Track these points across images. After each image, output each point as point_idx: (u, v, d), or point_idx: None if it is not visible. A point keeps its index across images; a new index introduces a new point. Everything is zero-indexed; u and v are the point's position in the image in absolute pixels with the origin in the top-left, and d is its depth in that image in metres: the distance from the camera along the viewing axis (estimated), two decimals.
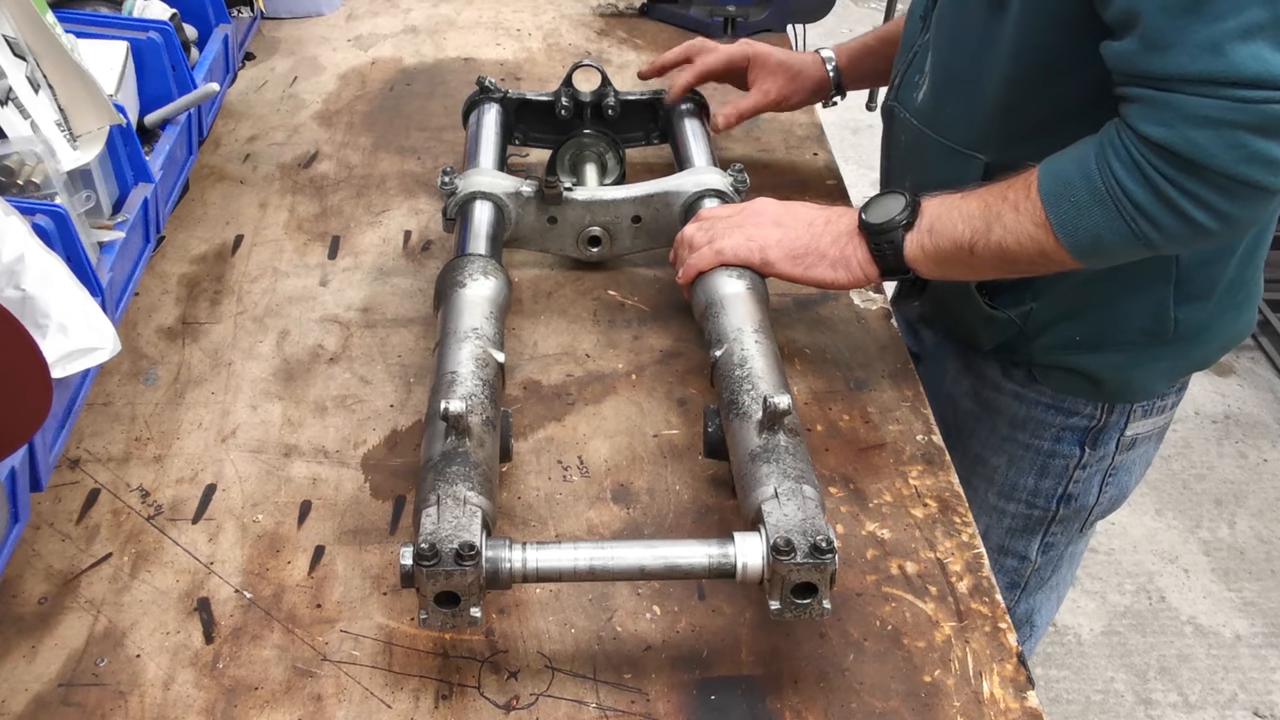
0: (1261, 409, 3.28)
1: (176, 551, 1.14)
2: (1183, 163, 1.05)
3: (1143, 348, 1.36)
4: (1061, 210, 1.12)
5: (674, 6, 2.19)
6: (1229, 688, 2.52)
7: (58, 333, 1.04)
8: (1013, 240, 1.15)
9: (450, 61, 2.07)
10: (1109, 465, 1.48)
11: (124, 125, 1.32)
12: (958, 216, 1.20)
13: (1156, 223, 1.08)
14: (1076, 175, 1.11)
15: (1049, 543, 1.57)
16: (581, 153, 1.61)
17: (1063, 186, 1.12)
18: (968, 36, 1.28)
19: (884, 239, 1.23)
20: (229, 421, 1.29)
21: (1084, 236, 1.12)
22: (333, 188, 1.70)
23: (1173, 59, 1.03)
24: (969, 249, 1.19)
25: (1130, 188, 1.08)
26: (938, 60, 1.35)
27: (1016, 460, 1.49)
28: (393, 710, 0.99)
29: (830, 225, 1.29)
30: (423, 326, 1.43)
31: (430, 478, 1.02)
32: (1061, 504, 1.51)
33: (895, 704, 1.00)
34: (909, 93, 1.40)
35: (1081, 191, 1.11)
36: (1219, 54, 1.01)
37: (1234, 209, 1.07)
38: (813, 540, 0.95)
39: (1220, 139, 1.03)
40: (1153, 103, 1.05)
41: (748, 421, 1.10)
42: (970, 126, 1.30)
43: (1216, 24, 1.00)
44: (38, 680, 1.01)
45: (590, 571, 0.98)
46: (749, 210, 1.33)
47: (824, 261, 1.28)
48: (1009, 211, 1.15)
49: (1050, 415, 1.44)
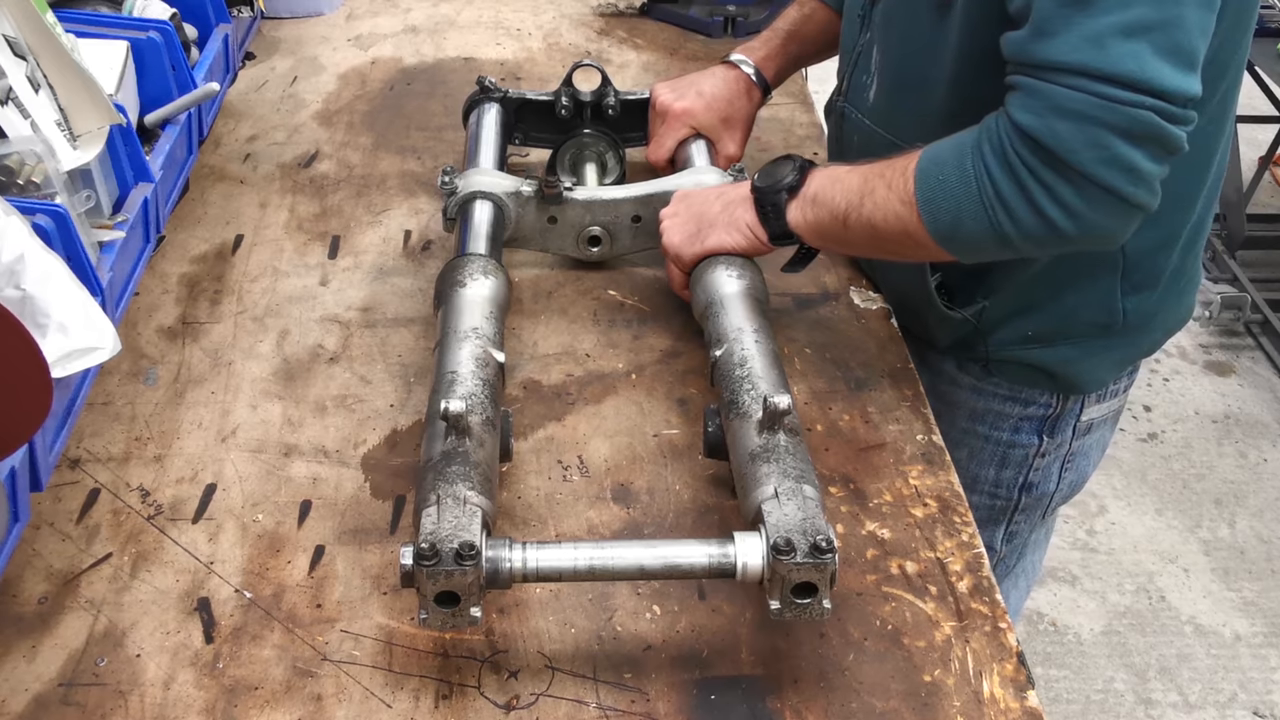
0: (1261, 409, 3.28)
1: (176, 551, 1.14)
2: (1045, 154, 1.04)
3: (1093, 339, 1.38)
4: (928, 188, 1.12)
5: (674, 6, 2.19)
6: (1229, 687, 2.52)
7: (58, 332, 1.04)
8: (880, 216, 1.16)
9: (450, 61, 2.07)
10: (1067, 451, 1.50)
11: (124, 125, 1.32)
12: (839, 190, 1.20)
13: (1013, 213, 1.08)
14: (951, 157, 1.11)
15: (1013, 531, 1.59)
16: (581, 152, 1.61)
17: (936, 166, 1.12)
18: (915, 37, 1.28)
19: (768, 201, 1.26)
20: (229, 421, 1.29)
21: (944, 217, 1.12)
22: (333, 187, 1.70)
23: (1054, 46, 1.02)
24: (842, 221, 1.20)
25: (994, 173, 1.08)
26: (886, 61, 1.34)
27: (977, 453, 1.50)
28: (393, 710, 0.99)
29: (723, 195, 1.34)
30: (423, 326, 1.43)
31: (430, 477, 1.02)
32: (1023, 493, 1.53)
33: (895, 704, 1.00)
34: (859, 94, 1.40)
35: (951, 172, 1.11)
36: (1098, 47, 1.00)
37: (1090, 213, 1.06)
38: (813, 540, 0.95)
39: (1083, 135, 1.02)
40: (1028, 90, 1.05)
41: (748, 421, 1.10)
42: (922, 126, 1.29)
43: (1102, 17, 1.00)
44: (38, 680, 1.01)
45: (590, 571, 0.98)
46: (664, 212, 1.39)
47: (714, 229, 1.31)
48: (882, 187, 1.16)
49: (1007, 406, 1.45)
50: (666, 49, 2.12)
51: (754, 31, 2.11)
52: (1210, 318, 3.49)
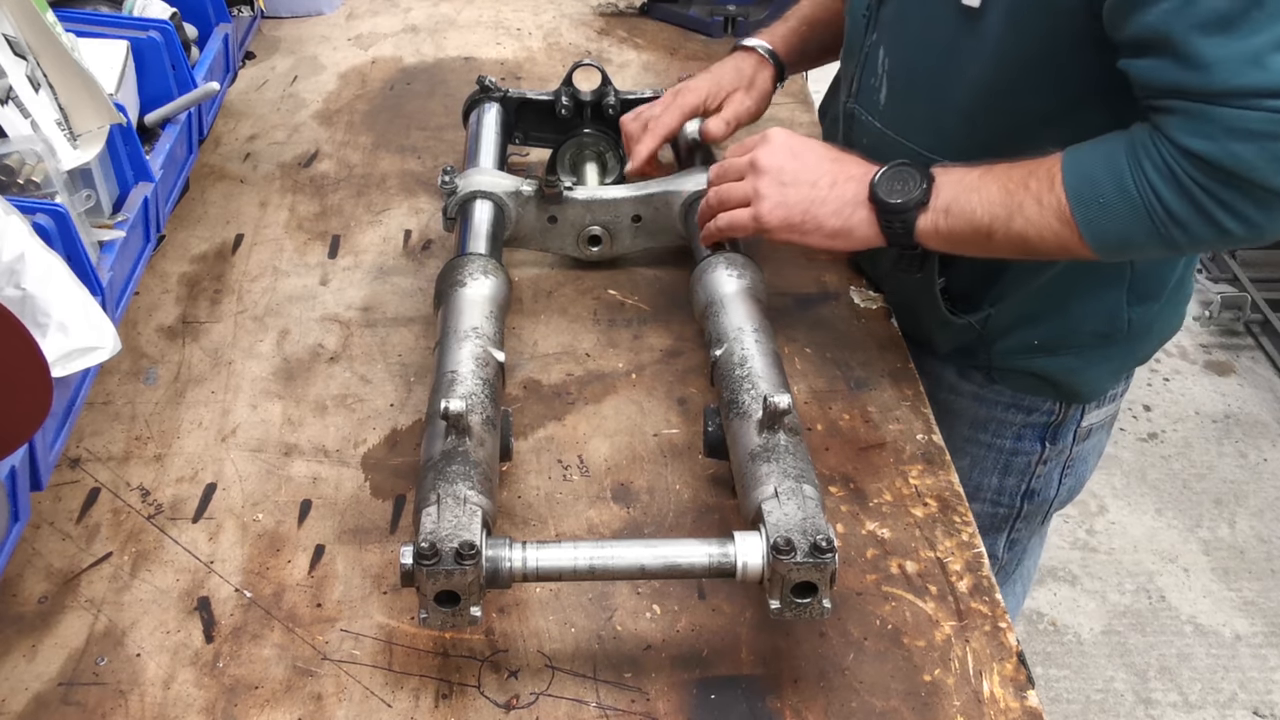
0: (1261, 409, 3.28)
1: (177, 551, 1.14)
2: (1224, 175, 1.05)
3: (1095, 348, 1.39)
4: (1089, 210, 1.12)
5: (674, 6, 2.19)
6: (1229, 687, 2.52)
7: (58, 332, 1.04)
8: (1034, 232, 1.15)
9: (450, 61, 2.07)
10: (1067, 458, 1.50)
11: (124, 124, 1.32)
12: (976, 201, 1.18)
13: (1188, 229, 1.09)
14: (1105, 176, 1.11)
15: (1014, 539, 1.59)
16: (581, 152, 1.61)
17: (1090, 186, 1.12)
18: (933, 42, 1.27)
19: (896, 219, 1.22)
20: (229, 421, 1.29)
21: (1111, 238, 1.12)
22: (333, 187, 1.70)
23: (1215, 74, 1.03)
24: (986, 234, 1.18)
25: (1165, 196, 1.08)
26: (897, 63, 1.33)
27: (979, 461, 1.50)
28: (393, 709, 0.99)
29: (836, 189, 1.25)
30: (423, 325, 1.43)
31: (430, 477, 1.02)
32: (1025, 500, 1.53)
33: (895, 703, 1.00)
34: (868, 96, 1.38)
35: (1111, 193, 1.11)
36: (1260, 67, 1.01)
37: (1267, 219, 1.08)
38: (813, 539, 0.95)
39: (1263, 151, 1.03)
40: (1193, 115, 1.05)
41: (748, 421, 1.10)
42: (934, 131, 1.29)
43: (1254, 37, 1.01)
44: (38, 679, 1.01)
45: (590, 571, 0.98)
46: (762, 163, 1.27)
47: (820, 227, 1.25)
48: (1031, 203, 1.14)
49: (1010, 414, 1.45)
50: (666, 49, 2.12)
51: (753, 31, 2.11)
52: (1210, 318, 3.48)
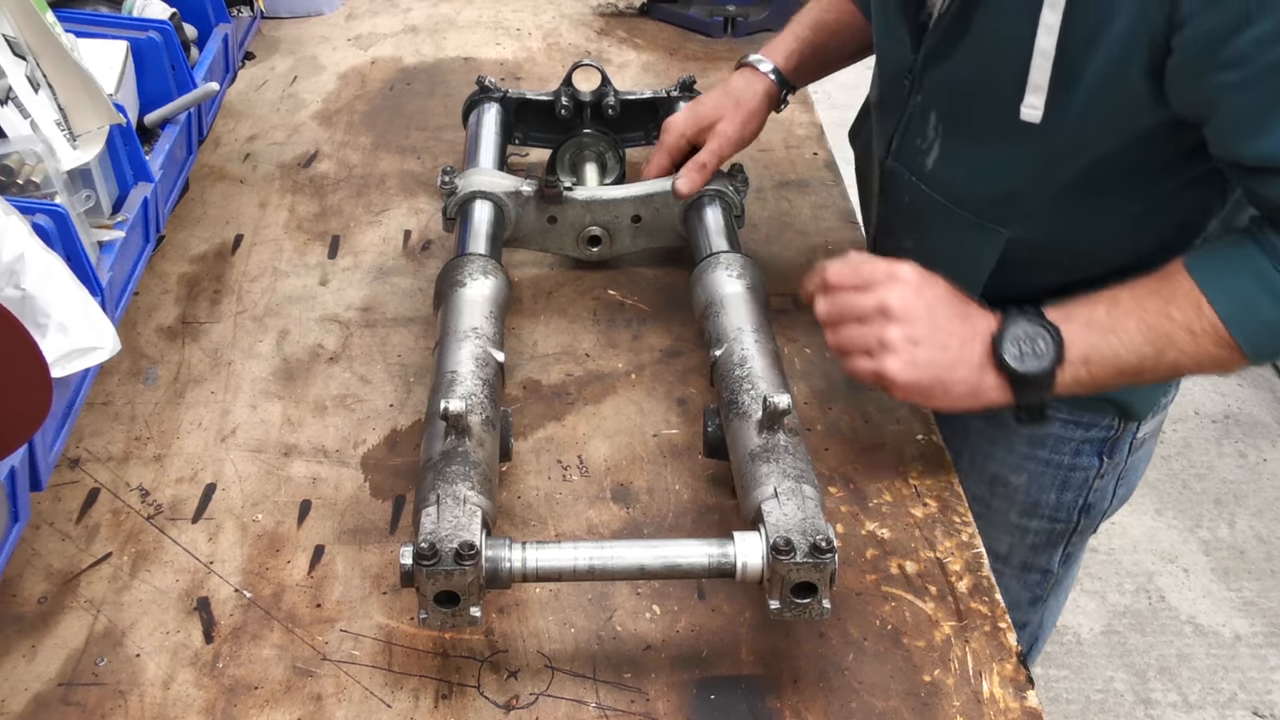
0: (1261, 409, 3.28)
1: (176, 551, 1.14)
2: None
3: None
4: (1253, 332, 1.09)
5: (674, 6, 2.19)
6: (1229, 687, 2.52)
7: (58, 332, 1.04)
8: (1190, 361, 1.12)
9: (450, 61, 2.07)
10: (1122, 469, 1.48)
11: (124, 125, 1.32)
12: (1117, 343, 1.12)
13: None
14: (1260, 296, 1.09)
15: (1069, 553, 1.56)
16: (581, 152, 1.61)
17: (1248, 309, 1.09)
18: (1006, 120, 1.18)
19: (1033, 389, 1.13)
20: (229, 421, 1.29)
21: (1276, 349, 1.12)
22: (333, 187, 1.70)
23: None
24: (1135, 374, 1.14)
25: None
26: (952, 130, 1.26)
27: (1037, 477, 1.47)
28: (392, 710, 0.99)
29: (965, 348, 1.14)
30: (423, 326, 1.43)
31: (430, 477, 1.02)
32: (1082, 514, 1.50)
33: (895, 703, 1.00)
34: (914, 157, 1.31)
35: (1270, 311, 1.09)
36: None
37: None
38: (812, 540, 0.95)
39: None
40: None
41: (748, 421, 1.10)
42: (1005, 202, 1.24)
43: None
44: (38, 680, 1.01)
45: (590, 571, 0.98)
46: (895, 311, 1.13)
47: (946, 398, 1.16)
48: (1182, 334, 1.10)
49: (1069, 430, 1.42)
50: (666, 49, 2.12)
51: (754, 32, 2.12)
52: None
